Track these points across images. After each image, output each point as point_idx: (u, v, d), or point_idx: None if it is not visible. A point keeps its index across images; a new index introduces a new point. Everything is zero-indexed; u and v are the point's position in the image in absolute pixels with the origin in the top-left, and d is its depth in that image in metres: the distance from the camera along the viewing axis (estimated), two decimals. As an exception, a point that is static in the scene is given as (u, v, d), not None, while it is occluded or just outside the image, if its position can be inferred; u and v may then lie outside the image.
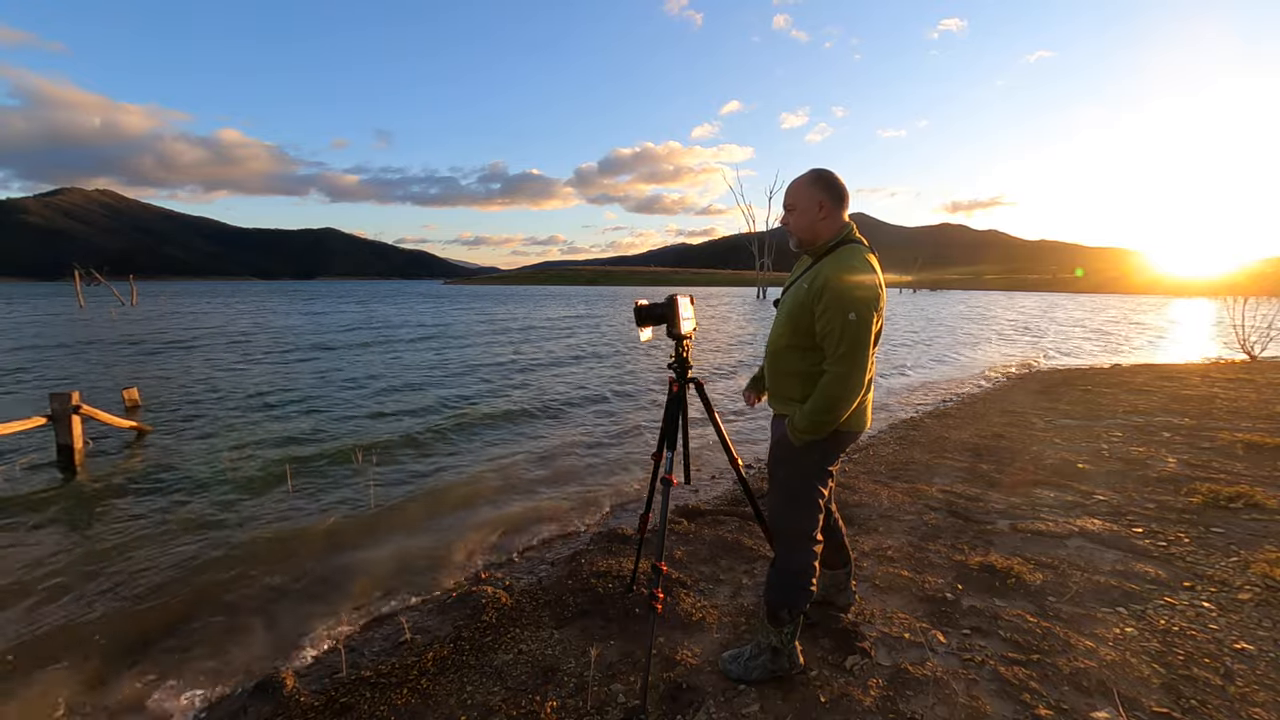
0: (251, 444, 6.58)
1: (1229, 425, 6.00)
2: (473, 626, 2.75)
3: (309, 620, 3.14)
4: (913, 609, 2.71)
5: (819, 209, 2.00)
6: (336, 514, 4.62)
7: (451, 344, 17.65)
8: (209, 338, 18.60)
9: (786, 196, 2.06)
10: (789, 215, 2.06)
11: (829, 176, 2.01)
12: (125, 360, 13.36)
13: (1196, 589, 2.81)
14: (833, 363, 1.89)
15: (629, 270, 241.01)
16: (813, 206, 2.00)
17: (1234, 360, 12.54)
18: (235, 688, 2.59)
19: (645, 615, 2.56)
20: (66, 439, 5.84)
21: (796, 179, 2.05)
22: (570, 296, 69.15)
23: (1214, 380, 9.16)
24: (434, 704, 2.22)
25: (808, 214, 2.01)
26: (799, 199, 2.02)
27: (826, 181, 2.00)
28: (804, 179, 2.03)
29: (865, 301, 1.85)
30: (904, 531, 3.61)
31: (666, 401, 2.38)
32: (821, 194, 1.99)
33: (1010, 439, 5.88)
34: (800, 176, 2.05)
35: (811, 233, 2.03)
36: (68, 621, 3.16)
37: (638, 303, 2.36)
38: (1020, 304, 51.64)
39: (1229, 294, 15.90)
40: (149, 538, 4.21)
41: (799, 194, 2.02)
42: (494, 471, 5.69)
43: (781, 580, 2.10)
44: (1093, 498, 4.10)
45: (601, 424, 7.67)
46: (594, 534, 4.04)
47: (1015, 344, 18.22)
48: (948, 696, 2.10)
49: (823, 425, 1.94)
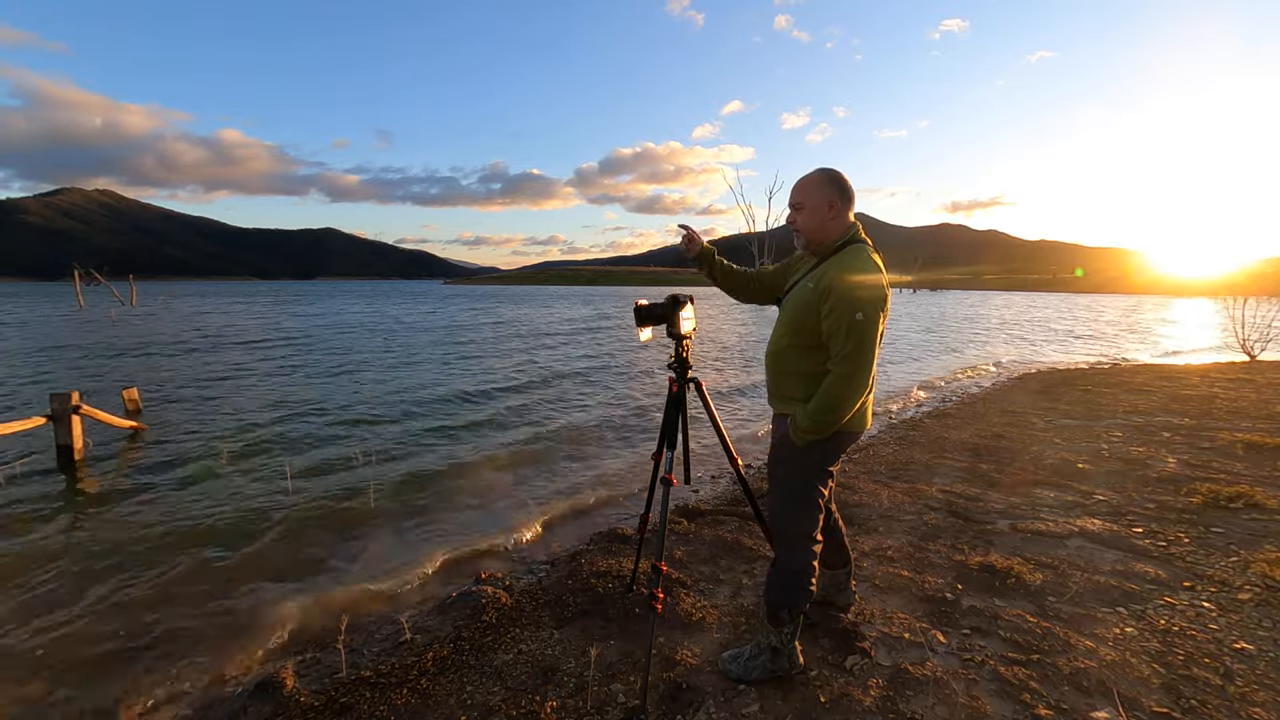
0: (251, 444, 6.58)
1: (1229, 425, 6.00)
2: (473, 626, 2.75)
3: (308, 620, 3.14)
4: (913, 609, 2.71)
5: (829, 208, 1.99)
6: (336, 513, 4.62)
7: (450, 344, 17.65)
8: (209, 338, 18.59)
9: (795, 194, 2.03)
10: (797, 213, 2.03)
11: (839, 176, 2.01)
12: (125, 360, 13.36)
13: (1196, 589, 2.81)
14: (838, 363, 1.88)
15: (629, 270, 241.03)
16: (823, 206, 1.99)
17: (1234, 360, 12.54)
18: (235, 688, 2.59)
19: (645, 615, 2.56)
20: (66, 439, 5.84)
21: (806, 177, 2.03)
22: (572, 297, 69.15)
23: (1214, 380, 9.16)
24: (434, 704, 2.22)
25: (818, 213, 2.00)
26: (809, 197, 2.00)
27: (837, 182, 1.99)
28: (815, 177, 2.01)
29: (872, 302, 1.85)
30: (904, 531, 3.61)
31: (666, 401, 2.38)
32: (833, 193, 1.98)
33: (1010, 439, 5.88)
34: (810, 175, 2.03)
35: (821, 232, 2.01)
36: (67, 621, 3.16)
37: (638, 303, 2.35)
38: (1000, 303, 51.68)
39: (1229, 294, 15.91)
40: (148, 537, 4.21)
41: (809, 192, 2.00)
42: (495, 472, 5.69)
43: (781, 580, 2.10)
44: (1093, 498, 4.10)
45: (602, 424, 7.68)
46: (594, 534, 4.04)
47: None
48: (948, 696, 2.10)
49: (826, 425, 1.94)
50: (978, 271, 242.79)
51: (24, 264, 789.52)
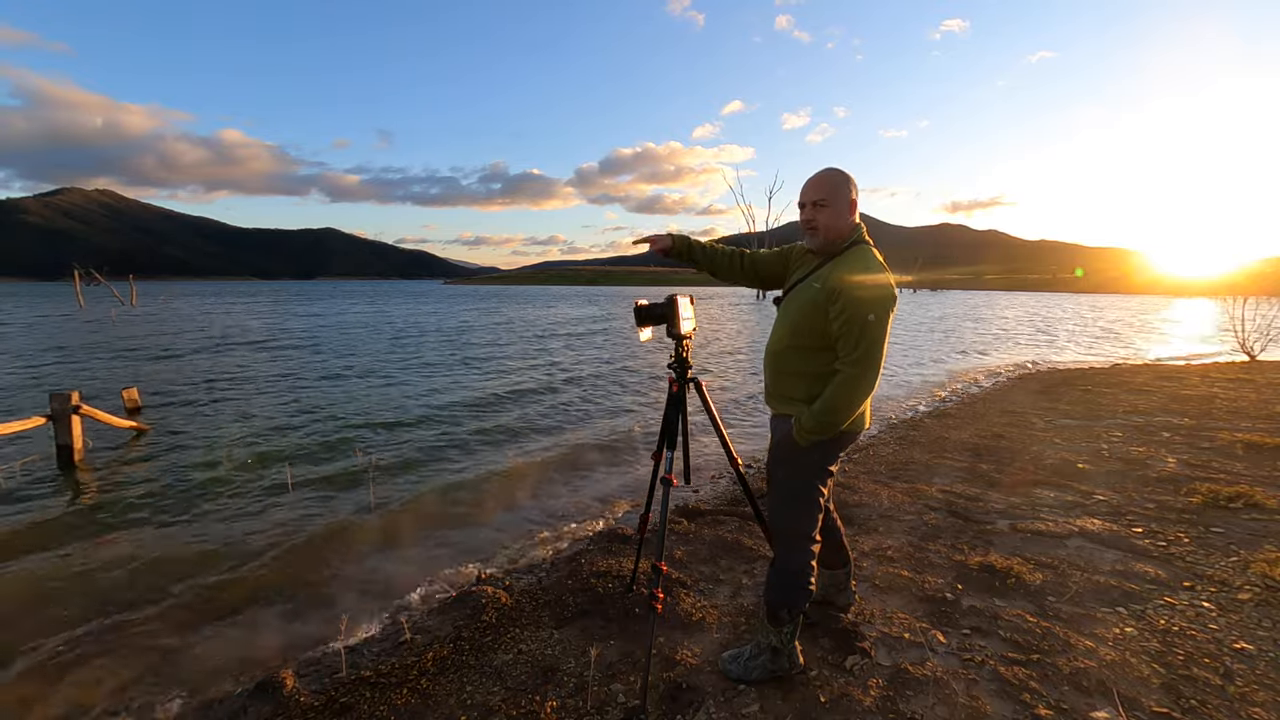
0: (252, 444, 6.58)
1: (1229, 425, 6.00)
2: (473, 626, 2.74)
3: (308, 620, 3.14)
4: (913, 609, 2.71)
5: (850, 208, 1.98)
6: (336, 514, 4.62)
7: (452, 342, 17.65)
8: (210, 338, 18.60)
9: (816, 190, 1.97)
10: (819, 211, 1.97)
11: (854, 178, 2.01)
12: (125, 360, 13.36)
13: (1196, 589, 2.81)
14: (848, 364, 1.87)
15: (629, 270, 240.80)
16: (846, 205, 1.97)
17: (1234, 360, 12.54)
18: (235, 688, 2.59)
19: (645, 615, 2.56)
20: (66, 439, 5.84)
21: (829, 174, 1.98)
22: (575, 296, 69.11)
23: (1214, 380, 9.16)
24: (434, 704, 2.22)
25: (841, 211, 1.97)
26: (835, 196, 1.96)
27: (855, 183, 2.00)
28: (840, 176, 1.98)
29: (883, 303, 1.84)
30: (904, 531, 3.61)
31: (666, 401, 2.38)
32: (854, 193, 1.98)
33: (1010, 439, 5.88)
34: (831, 172, 1.99)
35: (837, 230, 1.98)
36: (66, 621, 3.16)
37: (638, 303, 2.35)
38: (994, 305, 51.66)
39: (1229, 294, 15.91)
40: (147, 538, 4.21)
41: (834, 188, 1.96)
42: (495, 472, 5.69)
43: (781, 580, 2.10)
44: (1093, 498, 4.10)
45: (602, 425, 7.67)
46: (594, 534, 4.03)
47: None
48: (948, 696, 2.10)
49: (831, 426, 1.93)
50: (978, 271, 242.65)
51: (24, 264, 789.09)
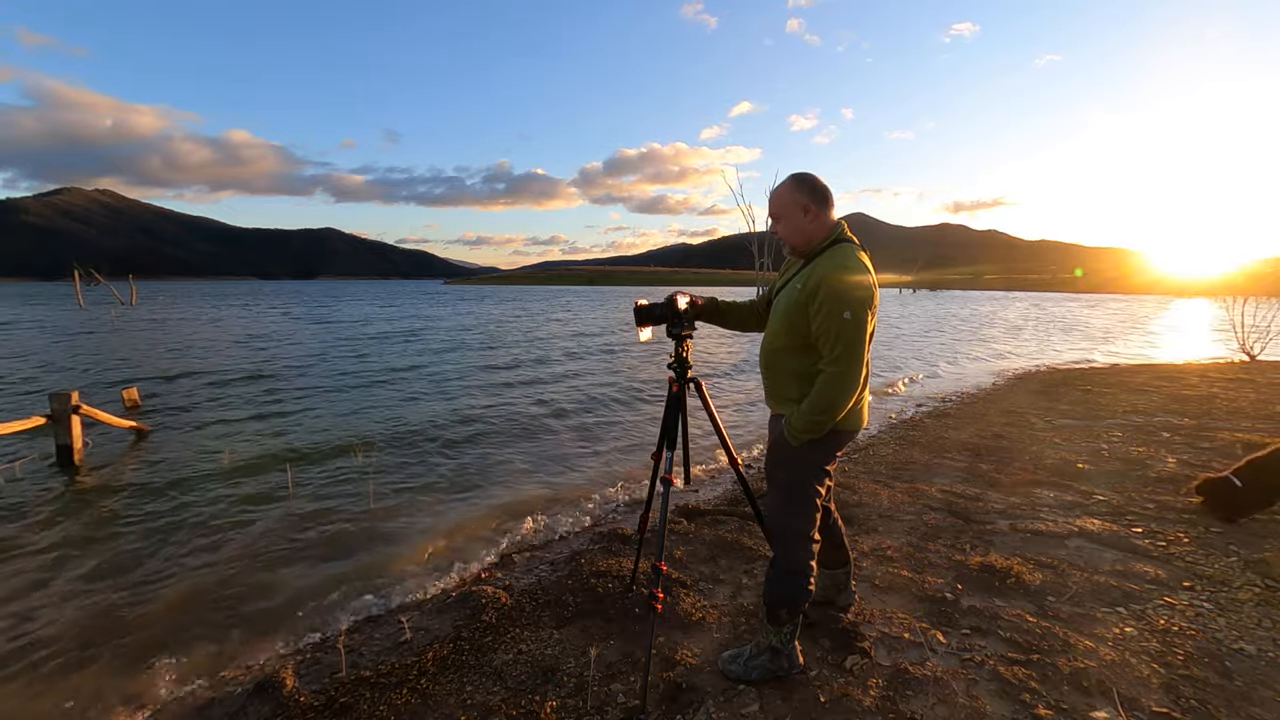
0: (252, 443, 6.58)
1: (1229, 425, 6.00)
2: (472, 626, 2.74)
3: (308, 620, 3.14)
4: (912, 609, 2.71)
5: (804, 213, 2.00)
6: (336, 513, 4.62)
7: (452, 343, 17.64)
8: (208, 337, 18.59)
9: (771, 207, 2.05)
10: (776, 225, 2.06)
11: (810, 179, 2.01)
12: (125, 360, 13.35)
13: (1196, 589, 2.81)
14: (829, 363, 1.89)
15: (629, 270, 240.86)
16: (797, 212, 2.00)
17: (1234, 360, 12.54)
18: (235, 687, 2.58)
19: (645, 615, 2.56)
20: (66, 439, 5.83)
21: (777, 187, 2.05)
22: (575, 296, 69.08)
23: (1214, 380, 9.16)
24: (434, 704, 2.22)
25: (794, 220, 2.01)
26: (783, 207, 2.02)
27: (808, 185, 2.00)
28: (784, 186, 2.03)
29: (860, 301, 1.86)
30: (904, 531, 3.61)
31: (666, 401, 2.38)
32: (805, 197, 1.99)
33: (1010, 439, 5.87)
34: (780, 187, 2.04)
35: (801, 237, 2.03)
36: (65, 621, 3.16)
37: (638, 302, 2.35)
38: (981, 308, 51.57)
39: (1229, 294, 15.90)
40: (148, 537, 4.21)
41: (781, 202, 2.02)
42: (495, 473, 5.69)
43: (780, 580, 2.10)
44: (1092, 498, 4.10)
45: (603, 425, 7.67)
46: (594, 534, 4.03)
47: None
48: (948, 696, 2.10)
49: (820, 425, 1.94)
50: (978, 271, 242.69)
51: (24, 264, 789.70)
